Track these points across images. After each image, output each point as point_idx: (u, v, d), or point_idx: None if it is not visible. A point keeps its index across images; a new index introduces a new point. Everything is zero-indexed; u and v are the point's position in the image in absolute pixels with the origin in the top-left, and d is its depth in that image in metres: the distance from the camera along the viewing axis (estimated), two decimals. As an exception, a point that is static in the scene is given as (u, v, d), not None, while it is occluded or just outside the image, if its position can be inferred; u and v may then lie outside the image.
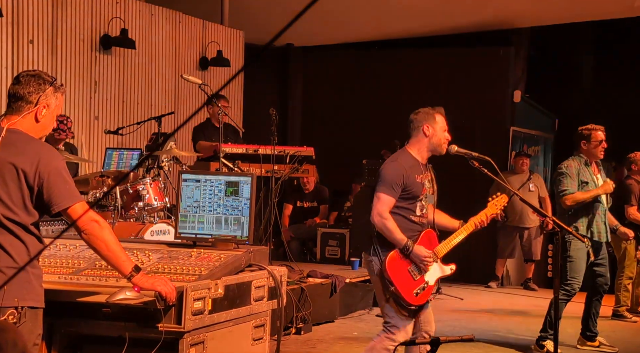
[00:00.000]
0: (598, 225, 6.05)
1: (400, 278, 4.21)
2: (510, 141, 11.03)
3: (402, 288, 4.20)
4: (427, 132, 4.35)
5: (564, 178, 6.00)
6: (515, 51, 11.35)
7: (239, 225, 3.75)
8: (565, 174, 6.00)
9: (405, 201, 4.29)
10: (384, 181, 4.26)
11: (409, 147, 4.42)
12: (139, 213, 6.05)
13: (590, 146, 6.03)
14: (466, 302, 8.70)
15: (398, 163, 4.31)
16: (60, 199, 2.99)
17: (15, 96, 3.08)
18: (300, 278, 7.13)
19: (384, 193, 4.23)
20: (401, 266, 4.23)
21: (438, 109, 4.48)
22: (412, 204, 4.31)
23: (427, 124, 4.35)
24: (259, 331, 3.73)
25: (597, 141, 6.02)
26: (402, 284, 4.21)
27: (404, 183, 4.25)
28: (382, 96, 11.36)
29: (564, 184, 5.98)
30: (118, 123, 8.04)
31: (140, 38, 8.47)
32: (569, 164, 6.08)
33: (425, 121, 4.36)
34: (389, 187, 4.23)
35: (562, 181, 6.00)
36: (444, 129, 4.40)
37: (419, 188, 4.33)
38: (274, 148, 6.89)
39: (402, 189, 4.26)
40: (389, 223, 4.19)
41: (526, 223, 9.79)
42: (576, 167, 6.04)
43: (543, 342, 6.12)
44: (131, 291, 3.10)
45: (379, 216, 4.20)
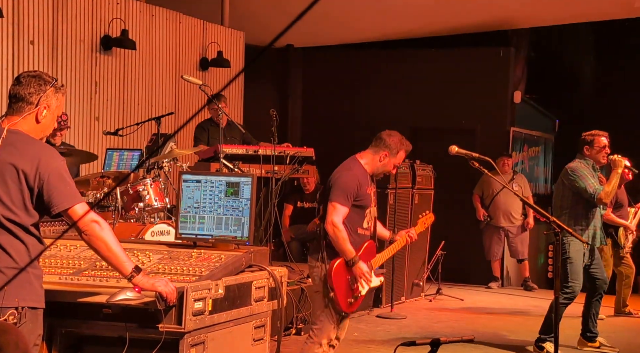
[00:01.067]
0: (596, 229, 6.10)
1: (340, 286, 4.36)
2: (511, 142, 11.04)
3: (340, 295, 4.37)
4: (383, 159, 4.50)
5: (585, 179, 5.98)
6: (515, 51, 11.35)
7: (239, 225, 3.76)
8: (583, 174, 6.00)
9: (357, 212, 4.41)
10: (340, 190, 4.35)
11: (361, 157, 4.53)
12: (140, 213, 6.06)
13: (593, 151, 6.08)
14: (466, 303, 8.70)
15: (354, 173, 4.41)
16: (61, 200, 2.99)
17: (16, 97, 3.08)
18: (301, 278, 7.13)
19: (338, 203, 4.33)
20: (343, 275, 4.38)
21: (406, 146, 4.61)
22: (361, 215, 4.45)
23: (387, 153, 4.50)
24: (259, 331, 3.73)
25: (600, 147, 6.07)
26: (340, 292, 4.37)
27: (357, 193, 4.37)
28: (382, 96, 11.37)
29: (591, 184, 5.96)
30: (118, 124, 8.04)
31: (140, 39, 8.48)
32: (580, 166, 6.08)
33: (389, 150, 4.50)
34: (344, 197, 4.33)
35: (585, 183, 5.96)
36: (396, 165, 4.57)
37: (369, 199, 4.46)
38: (274, 149, 6.89)
39: (354, 199, 4.37)
40: (341, 234, 4.32)
41: (509, 223, 9.83)
42: (587, 168, 6.07)
43: (542, 343, 6.12)
44: (132, 292, 3.11)
45: (333, 226, 4.31)
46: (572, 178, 6.03)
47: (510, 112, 11.21)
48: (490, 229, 9.94)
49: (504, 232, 9.90)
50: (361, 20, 10.66)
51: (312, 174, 8.33)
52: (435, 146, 6.78)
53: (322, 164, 9.52)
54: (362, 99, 11.53)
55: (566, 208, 6.06)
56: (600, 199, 5.91)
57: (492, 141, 10.66)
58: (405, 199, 8.39)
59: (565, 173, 6.17)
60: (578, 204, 6.05)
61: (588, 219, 6.05)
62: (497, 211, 9.82)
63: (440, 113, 11.00)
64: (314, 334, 4.45)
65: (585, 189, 5.95)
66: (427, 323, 7.42)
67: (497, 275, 10.08)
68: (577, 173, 6.02)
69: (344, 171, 4.41)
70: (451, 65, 11.22)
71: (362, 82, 11.55)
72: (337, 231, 4.30)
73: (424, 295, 8.76)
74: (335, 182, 4.38)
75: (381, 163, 4.49)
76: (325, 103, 11.73)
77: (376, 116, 11.04)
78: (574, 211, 6.03)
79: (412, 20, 10.70)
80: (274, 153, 6.89)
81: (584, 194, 5.97)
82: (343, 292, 4.37)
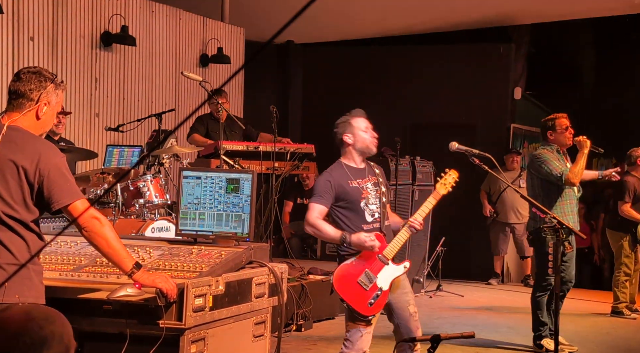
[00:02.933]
0: (573, 214, 5.98)
1: (351, 292, 4.18)
2: (511, 138, 11.03)
3: (354, 301, 4.18)
4: (348, 140, 4.39)
5: (549, 163, 5.86)
6: (515, 47, 11.34)
7: (239, 221, 3.76)
8: (547, 159, 5.89)
9: (350, 211, 4.29)
10: (314, 190, 4.33)
11: (341, 158, 4.46)
12: (140, 210, 6.06)
13: (557, 134, 5.98)
14: (466, 299, 8.71)
15: (325, 173, 4.38)
16: (61, 197, 2.99)
17: (17, 93, 3.08)
18: (301, 275, 7.13)
19: (311, 202, 4.30)
20: (350, 279, 4.19)
21: (354, 113, 4.48)
22: (357, 211, 4.29)
23: (345, 134, 4.40)
24: (259, 328, 3.73)
25: (563, 128, 5.98)
26: (352, 298, 4.18)
27: (333, 190, 4.27)
28: (383, 92, 11.35)
29: (556, 167, 5.83)
30: (119, 120, 8.04)
31: (140, 35, 8.47)
32: (543, 152, 5.97)
33: (343, 131, 4.41)
34: (316, 195, 4.28)
35: (550, 167, 5.84)
36: (365, 130, 4.40)
37: (356, 192, 4.30)
38: (275, 145, 6.89)
39: (338, 198, 4.27)
40: (319, 224, 4.22)
41: (516, 220, 9.83)
42: (551, 152, 5.95)
43: (539, 341, 6.09)
44: (132, 288, 3.11)
45: (309, 225, 4.23)
46: (537, 164, 5.93)
47: (510, 109, 11.20)
48: (497, 225, 9.92)
49: (510, 228, 9.89)
50: (361, 16, 10.66)
51: (312, 170, 8.32)
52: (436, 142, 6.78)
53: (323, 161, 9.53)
54: (363, 95, 11.51)
55: (539, 197, 5.88)
56: (568, 179, 5.78)
57: (493, 137, 10.66)
58: (405, 196, 8.39)
59: (530, 162, 6.10)
60: (550, 191, 5.93)
61: (562, 205, 5.93)
62: (504, 208, 9.80)
63: (441, 109, 11.00)
64: (346, 347, 4.28)
65: (550, 172, 5.83)
66: (427, 319, 7.41)
67: (497, 271, 10.09)
68: (540, 158, 5.92)
69: (320, 176, 4.43)
70: (451, 61, 11.21)
71: (363, 79, 11.54)
72: (315, 225, 4.21)
73: (424, 291, 8.77)
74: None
75: (352, 144, 4.37)
76: (325, 99, 11.72)
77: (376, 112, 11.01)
78: (547, 199, 5.88)
79: (412, 16, 10.69)
80: (274, 150, 6.89)
81: (551, 178, 5.85)
82: (356, 297, 4.18)
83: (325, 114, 11.65)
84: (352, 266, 4.22)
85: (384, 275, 4.24)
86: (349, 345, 4.27)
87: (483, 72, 10.99)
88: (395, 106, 11.08)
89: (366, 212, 4.32)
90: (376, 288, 4.21)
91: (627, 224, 7.67)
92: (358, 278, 4.20)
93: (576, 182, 5.84)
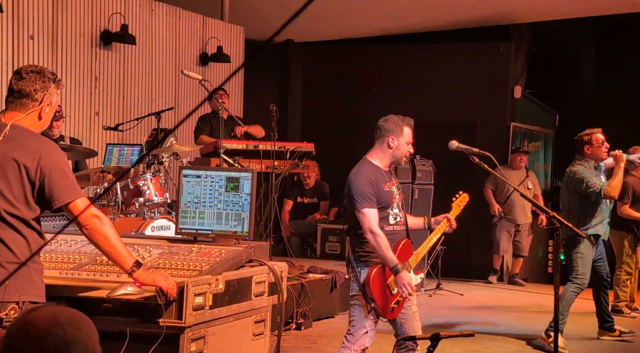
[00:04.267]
0: (603, 224, 6.28)
1: (380, 294, 4.21)
2: (511, 137, 11.03)
3: (381, 303, 4.22)
4: (392, 144, 4.32)
5: (588, 180, 6.12)
6: (515, 46, 11.33)
7: (239, 220, 3.76)
8: (585, 176, 6.14)
9: (379, 212, 4.26)
10: (359, 195, 4.21)
11: (370, 156, 4.38)
12: (140, 208, 6.06)
13: (594, 148, 6.20)
14: (466, 298, 8.71)
15: (362, 173, 4.28)
16: (62, 195, 3.00)
17: (21, 93, 3.07)
18: (301, 273, 7.14)
19: (365, 208, 4.19)
20: (382, 282, 4.22)
21: (407, 121, 4.39)
22: (385, 214, 4.29)
23: (393, 136, 4.32)
24: (259, 326, 3.74)
25: (599, 143, 6.20)
26: (381, 300, 4.22)
27: (375, 192, 4.23)
28: (383, 91, 11.35)
29: (594, 183, 6.10)
30: (118, 119, 8.04)
31: (140, 34, 8.47)
32: (581, 169, 6.21)
33: (392, 133, 4.32)
34: (367, 200, 4.19)
35: (588, 182, 6.11)
36: (408, 143, 4.36)
37: (389, 196, 4.30)
38: (274, 144, 6.89)
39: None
40: (381, 240, 4.17)
41: (520, 219, 9.83)
42: (588, 169, 6.20)
43: (551, 332, 6.19)
44: (132, 287, 3.11)
45: (371, 233, 4.17)
46: (577, 181, 6.18)
47: (510, 107, 11.19)
48: (503, 224, 9.89)
49: (516, 228, 9.88)
50: (361, 15, 10.65)
51: (312, 169, 8.34)
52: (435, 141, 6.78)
53: (322, 160, 9.55)
54: (362, 94, 11.52)
55: (574, 211, 6.24)
56: (607, 194, 6.08)
57: (492, 136, 10.65)
58: (405, 195, 8.37)
59: (567, 178, 6.33)
60: (585, 205, 6.22)
61: (596, 216, 6.23)
62: (514, 207, 9.76)
63: (440, 108, 10.99)
64: (347, 341, 4.31)
65: (589, 188, 6.10)
66: (426, 318, 7.41)
67: (496, 267, 10.08)
68: (578, 176, 6.17)
69: (353, 177, 4.29)
70: (451, 60, 11.20)
71: (362, 77, 11.54)
72: (378, 237, 4.15)
73: (423, 290, 8.77)
74: (350, 190, 4.26)
75: (392, 149, 4.31)
76: (325, 98, 11.72)
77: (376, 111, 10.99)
78: (582, 212, 6.21)
79: (412, 15, 10.69)
80: (274, 148, 6.90)
81: (591, 194, 6.12)
82: (383, 300, 4.22)
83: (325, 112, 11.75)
84: (385, 269, 4.24)
85: None
86: (352, 339, 4.28)
87: (483, 70, 10.99)
88: (394, 105, 11.02)
89: (390, 215, 4.33)
90: (399, 293, 4.25)
91: (629, 223, 7.70)
92: (387, 281, 4.23)
93: (615, 195, 6.17)
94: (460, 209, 4.62)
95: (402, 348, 4.37)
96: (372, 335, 4.32)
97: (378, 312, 4.22)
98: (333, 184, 10.00)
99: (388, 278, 4.24)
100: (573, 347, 6.27)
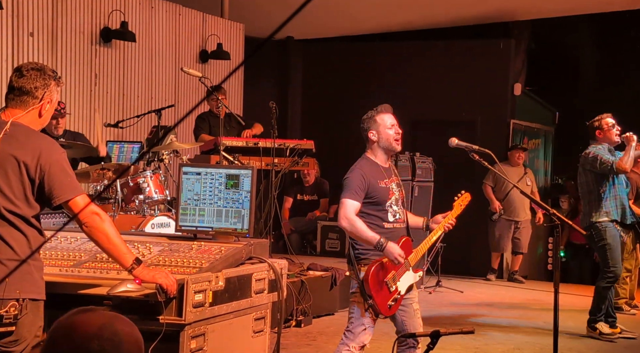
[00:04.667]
0: (624, 207, 6.48)
1: (378, 290, 4.20)
2: (511, 134, 11.03)
3: (379, 300, 4.21)
4: (373, 138, 4.35)
5: (601, 156, 6.32)
6: (515, 43, 11.33)
7: (239, 217, 3.76)
8: (599, 153, 6.34)
9: (374, 208, 4.26)
10: (346, 186, 4.24)
11: (367, 153, 4.41)
12: (140, 205, 6.06)
13: (605, 132, 6.43)
14: (466, 295, 8.71)
15: (357, 168, 4.30)
16: (62, 192, 3.00)
17: (22, 90, 3.08)
18: (301, 271, 7.14)
19: (346, 198, 4.21)
20: (380, 278, 4.21)
21: (380, 109, 4.41)
22: (382, 211, 4.29)
23: (371, 131, 4.35)
24: (259, 323, 3.74)
25: (609, 126, 6.44)
26: (379, 297, 4.20)
27: (366, 187, 4.22)
28: (383, 88, 11.34)
29: (606, 159, 6.30)
30: (118, 116, 8.04)
31: (140, 31, 8.47)
32: (595, 148, 6.43)
33: (369, 127, 4.36)
34: (351, 192, 4.20)
35: (602, 159, 6.31)
36: (389, 127, 4.35)
37: (384, 192, 4.29)
38: (274, 141, 6.89)
39: (366, 195, 4.23)
40: (357, 223, 4.16)
41: (519, 217, 9.83)
42: (602, 149, 6.40)
43: (594, 324, 6.47)
44: (132, 284, 3.11)
45: (346, 219, 4.16)
46: (591, 160, 6.38)
47: (510, 105, 11.19)
48: (502, 222, 9.87)
49: (515, 225, 9.88)
50: (361, 12, 10.65)
51: (312, 166, 8.33)
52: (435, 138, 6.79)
53: (322, 157, 9.55)
54: (362, 91, 11.51)
55: (593, 192, 6.42)
56: (619, 167, 6.26)
57: (492, 133, 10.65)
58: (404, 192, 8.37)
59: (583, 160, 6.52)
60: (602, 185, 6.40)
61: (615, 198, 6.40)
62: (513, 205, 9.75)
63: (440, 105, 10.99)
64: (346, 337, 4.30)
65: (603, 163, 6.29)
66: (426, 315, 7.42)
67: (495, 266, 10.09)
68: (592, 154, 6.38)
69: (350, 171, 4.32)
70: (451, 57, 11.20)
71: (362, 74, 11.54)
72: (352, 221, 4.15)
73: (423, 287, 8.77)
74: (343, 182, 4.30)
75: (377, 141, 4.33)
76: (325, 95, 11.72)
77: (376, 108, 11.02)
78: (599, 193, 6.39)
79: (412, 12, 10.69)
80: (274, 146, 6.90)
81: (603, 170, 6.32)
82: (380, 296, 4.20)
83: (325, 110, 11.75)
84: (385, 265, 4.22)
85: (404, 279, 4.30)
86: (350, 336, 4.29)
87: (483, 67, 10.98)
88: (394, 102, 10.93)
89: (389, 212, 4.32)
90: (397, 291, 4.26)
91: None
92: (385, 278, 4.22)
93: (627, 169, 6.33)
94: (462, 209, 4.61)
95: (403, 345, 4.37)
96: (371, 332, 4.32)
97: (376, 309, 4.22)
98: (333, 182, 10.01)
99: (386, 275, 4.24)
100: (573, 345, 6.28)
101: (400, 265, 4.24)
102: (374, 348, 4.84)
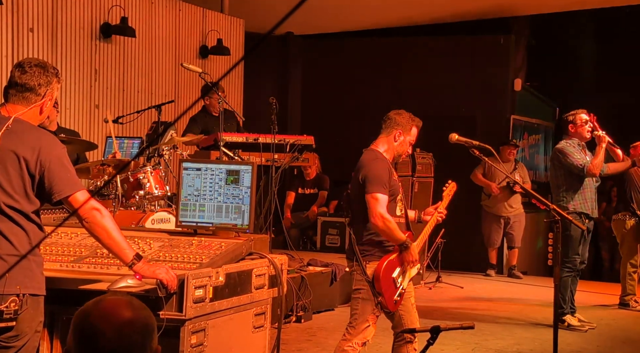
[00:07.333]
0: (592, 201, 6.55)
1: (386, 286, 4.22)
2: (511, 130, 11.03)
3: (388, 296, 4.23)
4: (398, 138, 4.35)
5: (572, 156, 6.42)
6: (516, 39, 11.32)
7: (239, 213, 3.76)
8: (570, 152, 6.45)
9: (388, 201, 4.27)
10: (375, 180, 4.18)
11: (376, 146, 4.37)
12: (140, 201, 6.06)
13: (577, 127, 6.53)
14: (466, 290, 8.72)
15: (381, 160, 4.28)
16: (62, 188, 3.00)
17: (24, 87, 3.07)
18: (301, 266, 7.15)
19: (378, 193, 4.16)
20: (389, 274, 4.23)
21: (417, 122, 4.42)
22: (393, 204, 4.30)
23: (400, 131, 4.35)
24: (259, 319, 3.74)
25: (582, 122, 6.53)
26: (387, 292, 4.22)
27: (390, 180, 4.23)
28: (383, 84, 11.35)
29: (577, 159, 6.40)
30: (118, 112, 8.03)
31: (140, 26, 8.46)
32: (566, 145, 6.53)
33: (401, 127, 4.35)
34: (382, 186, 4.18)
35: (572, 158, 6.41)
36: (411, 143, 4.42)
37: (397, 186, 4.33)
38: (274, 137, 6.89)
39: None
40: (391, 224, 4.17)
41: (508, 211, 9.84)
42: (573, 146, 6.50)
43: (562, 317, 6.43)
44: (132, 279, 3.12)
45: (381, 218, 4.14)
46: (561, 156, 6.49)
47: (510, 100, 11.19)
48: (489, 217, 9.93)
49: (504, 220, 9.90)
50: (361, 7, 10.64)
51: (312, 161, 8.34)
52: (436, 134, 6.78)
53: (322, 152, 9.55)
54: (362, 86, 11.52)
55: (562, 186, 6.52)
56: (589, 171, 6.38)
57: (492, 129, 10.65)
58: (405, 188, 8.39)
59: (554, 154, 6.66)
60: (573, 180, 6.48)
61: (584, 193, 6.49)
62: (497, 200, 9.81)
63: (441, 101, 10.98)
64: (349, 333, 4.31)
65: (573, 164, 6.40)
66: (426, 310, 7.43)
67: (493, 262, 10.10)
68: (564, 151, 6.49)
69: (372, 162, 4.26)
70: (451, 52, 11.19)
71: (362, 70, 11.53)
72: (387, 221, 4.13)
73: (423, 283, 8.78)
74: (367, 175, 4.21)
75: (397, 143, 4.33)
76: (325, 91, 11.71)
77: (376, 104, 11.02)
78: (570, 188, 6.48)
79: (412, 7, 10.67)
80: (274, 141, 6.89)
81: (574, 170, 6.42)
82: (388, 292, 4.22)
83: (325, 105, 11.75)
84: (393, 261, 4.24)
85: (407, 274, 4.34)
86: (353, 332, 4.29)
87: (483, 63, 10.98)
88: (394, 98, 11.05)
89: (397, 206, 4.35)
90: (401, 286, 4.29)
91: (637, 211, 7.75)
92: (393, 274, 4.24)
93: (596, 173, 6.42)
94: (449, 198, 4.65)
95: (400, 340, 4.38)
96: (374, 329, 4.33)
97: (384, 305, 4.23)
98: (333, 177, 10.01)
99: (394, 271, 4.25)
100: (571, 340, 6.29)
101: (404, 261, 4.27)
102: (374, 345, 4.85)
